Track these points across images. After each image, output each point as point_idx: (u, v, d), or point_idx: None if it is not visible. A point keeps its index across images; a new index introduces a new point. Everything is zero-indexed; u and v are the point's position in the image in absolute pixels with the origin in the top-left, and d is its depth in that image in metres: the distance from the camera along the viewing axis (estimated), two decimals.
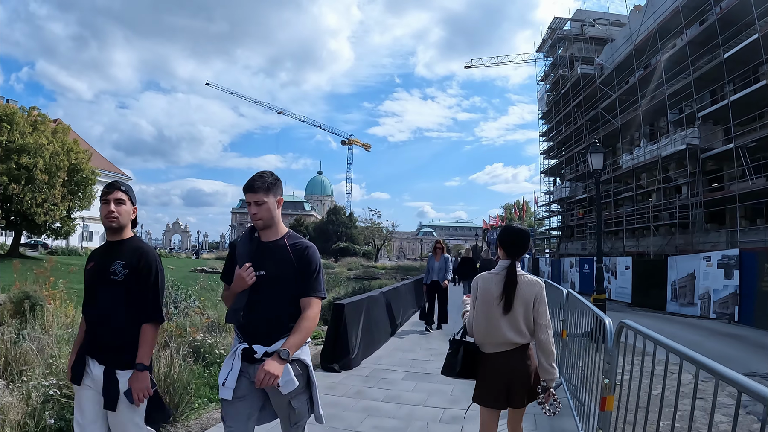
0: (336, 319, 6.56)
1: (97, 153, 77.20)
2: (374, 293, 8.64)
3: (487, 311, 3.07)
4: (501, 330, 3.02)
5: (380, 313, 8.33)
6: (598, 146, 10.00)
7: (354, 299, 7.50)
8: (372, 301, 7.89)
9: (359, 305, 7.22)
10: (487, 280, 3.14)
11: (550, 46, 45.27)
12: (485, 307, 3.08)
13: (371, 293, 8.71)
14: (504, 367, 3.04)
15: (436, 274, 10.02)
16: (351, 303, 6.99)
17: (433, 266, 10.12)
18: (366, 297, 7.84)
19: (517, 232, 3.27)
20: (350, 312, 6.72)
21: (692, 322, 13.90)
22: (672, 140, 25.65)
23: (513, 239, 3.20)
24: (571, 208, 40.10)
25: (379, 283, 21.81)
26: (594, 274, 23.48)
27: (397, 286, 11.62)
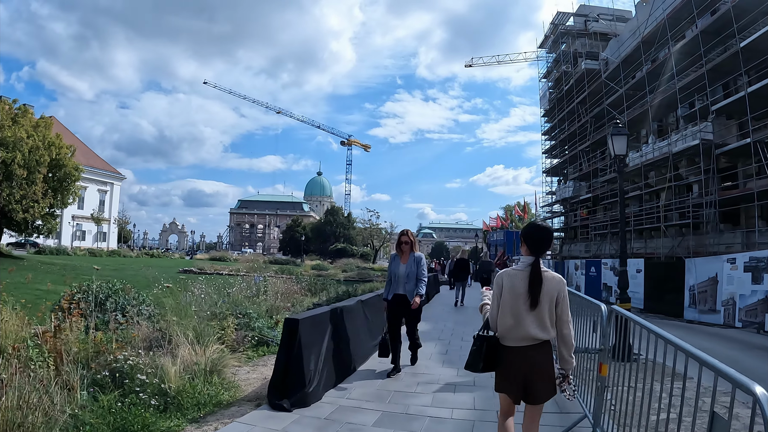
0: (288, 340, 4.97)
1: (91, 151, 76.18)
2: (348, 303, 6.79)
3: (513, 307, 3.14)
4: (526, 326, 3.10)
5: (356, 328, 6.66)
6: (620, 128, 8.43)
7: (315, 312, 5.75)
8: (342, 315, 6.20)
9: (321, 321, 5.59)
10: (513, 276, 3.19)
11: (552, 42, 43.98)
12: (512, 302, 3.14)
13: (344, 303, 6.75)
14: (524, 363, 3.11)
15: (402, 284, 6.52)
16: (309, 318, 5.28)
17: (398, 272, 6.58)
18: (332, 309, 6.04)
19: (541, 228, 3.37)
20: (307, 330, 5.12)
21: (716, 332, 12.46)
22: (683, 136, 24.22)
23: (538, 236, 3.28)
24: (574, 208, 38.65)
25: (369, 287, 20.38)
26: (602, 278, 22.53)
27: (381, 292, 9.84)
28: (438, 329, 10.43)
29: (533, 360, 3.10)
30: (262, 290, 15.34)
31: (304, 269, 41.21)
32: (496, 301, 3.23)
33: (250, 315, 9.59)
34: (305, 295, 17.27)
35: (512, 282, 3.16)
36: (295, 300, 14.87)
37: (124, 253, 61.25)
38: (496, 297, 3.24)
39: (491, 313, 3.28)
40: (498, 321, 3.21)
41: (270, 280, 17.61)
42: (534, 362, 3.10)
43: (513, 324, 3.12)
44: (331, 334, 5.65)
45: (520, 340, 3.12)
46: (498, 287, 3.24)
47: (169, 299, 10.39)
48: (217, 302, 10.17)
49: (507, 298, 3.15)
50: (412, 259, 6.57)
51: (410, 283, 6.49)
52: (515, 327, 3.11)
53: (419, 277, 6.52)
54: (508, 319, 3.13)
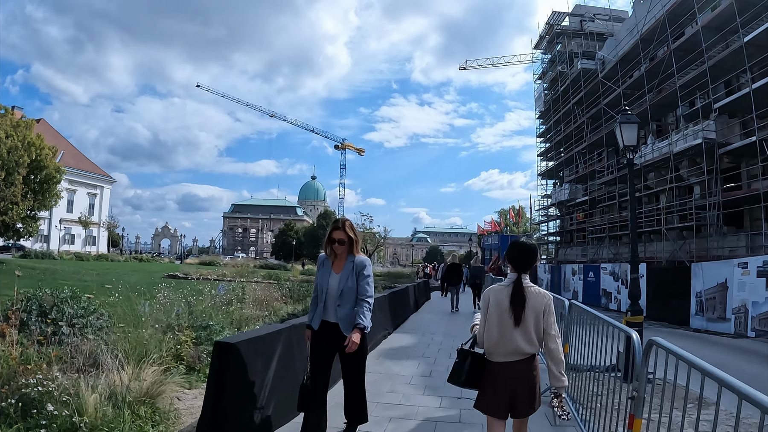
0: (218, 369, 3.72)
1: (81, 154, 74.95)
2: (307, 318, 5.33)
3: (499, 322, 3.15)
4: (513, 340, 3.11)
5: None
6: (629, 115, 7.37)
7: (260, 333, 4.47)
8: (291, 337, 4.84)
9: (269, 342, 4.32)
10: (498, 292, 3.23)
11: (548, 42, 43.21)
12: (498, 318, 3.15)
13: (301, 320, 5.29)
14: (511, 377, 3.12)
15: (334, 307, 4.05)
16: (248, 341, 4.02)
17: (326, 286, 4.12)
18: (290, 326, 4.81)
19: (525, 246, 3.36)
20: (247, 355, 3.91)
21: (728, 342, 11.50)
22: (684, 136, 23.35)
23: (521, 254, 3.28)
24: (570, 211, 37.73)
25: None
26: (600, 284, 21.55)
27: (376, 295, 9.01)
28: (424, 343, 9.40)
29: (520, 373, 3.11)
30: (236, 298, 14.31)
31: (293, 274, 40.09)
32: (483, 317, 3.24)
33: (211, 327, 8.56)
34: (286, 303, 16.25)
35: (498, 298, 3.20)
36: (272, 308, 13.83)
37: (112, 257, 59.92)
38: (483, 313, 3.25)
39: (479, 330, 3.28)
40: (485, 336, 3.21)
41: (249, 286, 16.58)
42: (521, 375, 3.11)
43: (499, 339, 3.13)
44: (283, 356, 4.60)
45: (507, 354, 3.13)
46: (485, 303, 3.25)
47: (121, 307, 9.37)
48: (173, 312, 9.11)
49: (493, 313, 3.17)
50: (351, 267, 4.11)
51: (345, 307, 4.01)
52: (501, 342, 3.13)
53: (362, 297, 4.03)
54: (495, 334, 3.14)
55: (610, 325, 4.29)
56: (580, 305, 5.46)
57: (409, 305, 13.85)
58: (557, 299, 5.95)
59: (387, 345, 8.83)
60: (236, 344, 3.86)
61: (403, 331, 10.96)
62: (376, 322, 8.52)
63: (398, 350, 8.32)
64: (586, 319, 5.12)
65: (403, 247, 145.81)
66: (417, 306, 15.69)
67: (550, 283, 26.84)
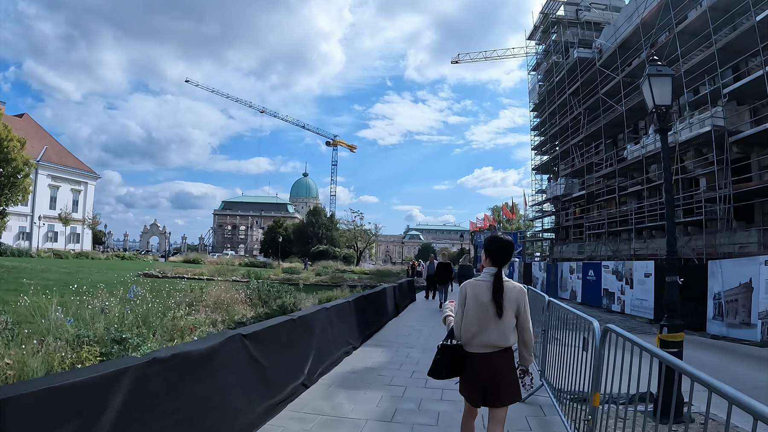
0: None
1: (64, 149, 72.93)
2: (208, 344, 3.62)
3: (477, 316, 3.21)
4: (491, 334, 3.19)
5: (217, 387, 3.69)
6: (661, 66, 5.48)
7: (62, 381, 2.39)
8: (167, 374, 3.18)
9: (89, 398, 2.50)
10: (476, 286, 3.29)
11: (542, 32, 41.67)
12: (476, 312, 3.22)
13: (196, 346, 3.52)
14: (486, 369, 3.19)
15: None
16: (46, 392, 2.26)
17: None
18: (149, 360, 2.97)
19: (503, 241, 3.42)
20: (40, 418, 2.21)
21: (754, 353, 9.87)
22: (689, 124, 21.77)
23: (499, 248, 3.36)
24: (566, 207, 36.13)
25: (328, 296, 17.59)
26: (602, 283, 19.79)
27: (309, 312, 6.23)
28: (395, 362, 7.41)
29: (496, 366, 3.19)
30: (190, 301, 12.61)
31: (275, 273, 38.32)
32: (461, 310, 3.31)
33: (126, 341, 6.87)
34: (255, 305, 14.52)
35: (476, 291, 3.26)
36: (229, 313, 12.12)
37: (93, 255, 57.91)
38: (461, 306, 3.32)
39: (456, 321, 3.36)
40: (462, 329, 3.28)
41: (210, 286, 14.86)
42: (497, 369, 3.18)
43: (477, 332, 3.21)
44: (124, 411, 2.84)
45: (484, 347, 3.20)
46: (462, 296, 3.32)
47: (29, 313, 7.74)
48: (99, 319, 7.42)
49: (471, 306, 3.25)
50: None
51: None
52: (479, 334, 3.20)
53: None
54: (473, 327, 3.22)
55: None
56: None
57: (386, 310, 11.99)
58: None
59: (347, 365, 7.02)
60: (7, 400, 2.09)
61: (375, 343, 9.20)
62: (331, 337, 6.77)
63: (359, 374, 6.59)
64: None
65: (395, 245, 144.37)
66: (398, 310, 13.83)
67: (546, 282, 25.17)
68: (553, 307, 5.73)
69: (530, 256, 45.22)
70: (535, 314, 6.90)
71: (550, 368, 5.54)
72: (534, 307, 7.29)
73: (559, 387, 4.96)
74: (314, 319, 6.03)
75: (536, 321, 6.82)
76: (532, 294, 7.68)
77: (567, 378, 4.68)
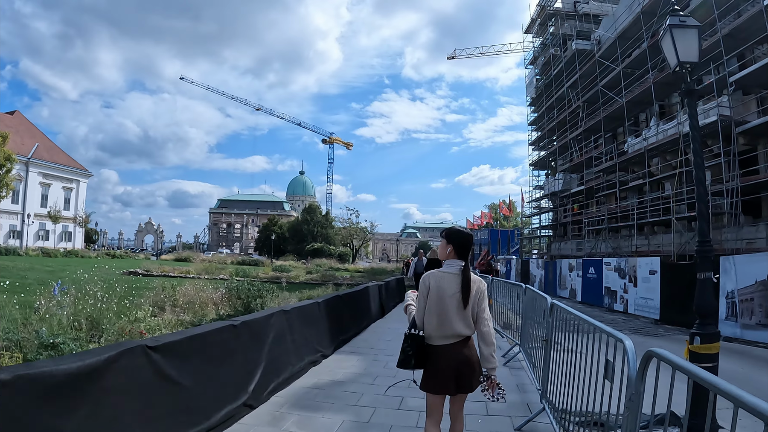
0: None
1: (56, 147, 71.93)
2: (88, 361, 2.69)
3: (441, 307, 3.22)
4: (453, 324, 3.21)
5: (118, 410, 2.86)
6: (685, 17, 4.51)
7: None
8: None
9: None
10: (441, 278, 3.29)
11: (539, 25, 40.68)
12: (438, 304, 3.23)
13: (67, 364, 2.56)
14: (454, 357, 3.20)
15: None
16: None
17: None
18: None
19: (465, 234, 3.48)
20: None
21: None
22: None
23: (464, 241, 3.40)
24: (564, 203, 35.17)
25: (308, 295, 16.59)
26: (603, 281, 18.80)
27: (259, 316, 5.15)
28: (369, 375, 6.38)
29: (462, 354, 3.23)
30: (160, 301, 11.65)
31: (264, 271, 37.27)
32: (423, 302, 3.30)
33: (59, 347, 5.92)
34: (234, 305, 13.54)
35: (440, 284, 3.27)
36: (197, 313, 11.16)
37: (83, 253, 56.85)
38: (423, 298, 3.32)
39: (418, 314, 3.35)
40: (425, 321, 3.28)
41: (185, 284, 13.88)
42: (462, 355, 3.23)
43: (439, 323, 3.23)
44: None
45: (447, 338, 3.23)
46: (425, 288, 3.31)
47: None
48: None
49: (434, 298, 3.24)
50: None
51: None
52: (441, 326, 3.22)
53: None
54: (435, 318, 3.23)
55: None
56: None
57: (368, 311, 10.95)
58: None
59: (311, 378, 5.99)
60: None
61: (351, 349, 8.18)
62: (292, 345, 5.78)
63: (323, 390, 5.56)
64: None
65: (392, 243, 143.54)
66: (383, 311, 12.90)
67: (544, 280, 24.24)
68: (559, 312, 4.68)
69: (527, 253, 44.32)
70: (535, 317, 6.09)
71: (553, 384, 4.48)
72: (533, 309, 6.36)
73: (564, 407, 4.05)
74: (266, 325, 5.03)
75: (535, 323, 5.89)
76: (530, 295, 6.75)
77: (573, 394, 3.76)
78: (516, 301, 8.40)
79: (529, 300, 6.79)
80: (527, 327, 6.69)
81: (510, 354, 7.86)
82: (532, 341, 6.16)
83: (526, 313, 6.84)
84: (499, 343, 9.23)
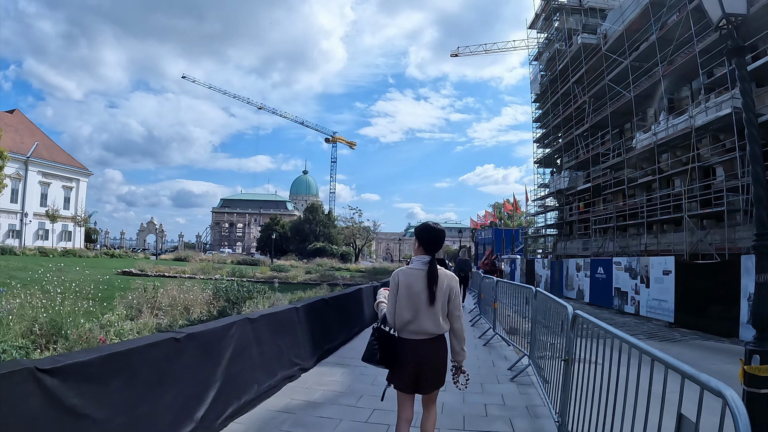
0: None
1: (55, 145, 71.41)
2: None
3: (410, 303, 3.18)
4: (422, 321, 3.18)
5: None
6: None
7: None
8: None
9: None
10: (409, 274, 3.25)
11: (544, 20, 39.83)
12: (409, 299, 3.19)
13: None
14: (415, 355, 3.18)
15: None
16: None
17: None
18: None
19: (435, 230, 3.42)
20: None
21: None
22: (705, 108, 20.00)
23: (432, 237, 3.37)
24: (570, 201, 34.31)
25: (299, 296, 15.81)
26: (613, 282, 17.87)
27: (211, 327, 4.12)
28: (353, 393, 5.49)
29: (427, 353, 3.18)
30: (139, 304, 10.92)
31: (261, 270, 36.48)
32: (393, 298, 3.27)
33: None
34: (223, 306, 12.81)
35: (408, 280, 3.21)
36: (179, 316, 10.41)
37: (81, 252, 56.26)
38: (393, 294, 3.28)
39: (388, 309, 3.31)
40: (395, 316, 3.24)
41: (168, 284, 13.14)
42: (427, 355, 3.18)
43: (410, 319, 3.18)
44: None
45: (416, 334, 3.19)
46: (394, 284, 3.27)
47: None
48: None
49: (404, 294, 3.20)
50: None
51: None
52: (412, 322, 3.18)
53: None
54: (406, 314, 3.19)
55: None
56: None
57: (359, 316, 9.92)
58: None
59: (283, 398, 5.11)
60: None
61: (337, 361, 7.23)
62: (259, 359, 4.96)
63: (293, 414, 4.67)
64: None
65: (396, 243, 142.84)
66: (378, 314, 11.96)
67: (550, 280, 23.39)
68: (585, 325, 3.70)
69: (532, 253, 43.49)
70: (548, 323, 5.35)
71: (578, 415, 3.47)
72: (545, 315, 5.53)
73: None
74: (222, 337, 4.19)
75: (550, 332, 5.03)
76: (542, 299, 5.90)
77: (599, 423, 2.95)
78: (525, 305, 7.62)
79: (540, 305, 5.96)
80: (537, 335, 5.87)
81: (518, 367, 7.00)
82: (544, 350, 5.34)
83: (537, 319, 6.01)
84: (505, 353, 8.42)
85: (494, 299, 9.55)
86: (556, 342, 4.57)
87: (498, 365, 7.48)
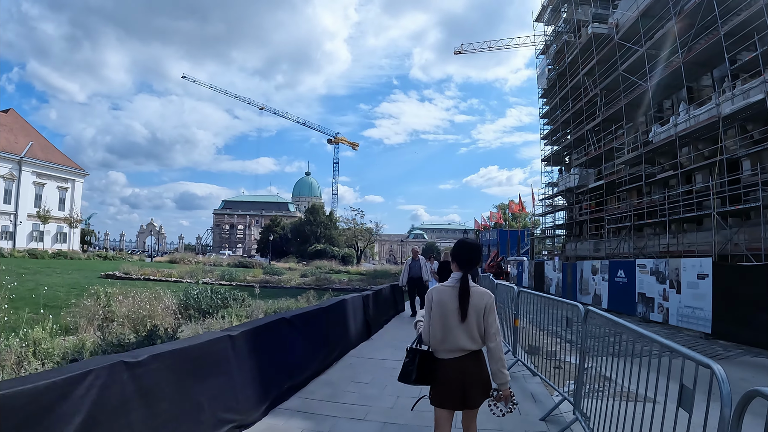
0: None
1: (51, 145, 70.20)
2: None
3: (443, 321, 3.18)
4: (456, 338, 3.14)
5: None
6: None
7: None
8: None
9: None
10: (442, 291, 3.26)
11: (551, 11, 38.23)
12: (441, 317, 3.18)
13: None
14: (459, 372, 3.16)
15: None
16: None
17: None
18: None
19: (469, 246, 3.38)
20: None
21: None
22: (731, 96, 18.34)
23: (466, 254, 3.31)
24: (580, 200, 32.62)
25: (286, 304, 14.03)
26: (636, 287, 15.95)
27: (49, 381, 2.43)
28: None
29: (467, 368, 3.17)
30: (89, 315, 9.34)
31: (254, 274, 34.77)
32: (428, 316, 3.26)
33: None
34: (193, 316, 11.22)
35: (441, 297, 3.22)
36: (133, 329, 8.83)
37: (73, 255, 54.86)
38: (428, 311, 3.29)
39: (424, 328, 3.29)
40: (430, 335, 3.23)
41: (134, 290, 11.55)
42: (468, 370, 3.16)
43: (442, 337, 3.18)
44: None
45: (452, 351, 3.18)
46: (428, 302, 3.29)
47: None
48: None
49: (436, 312, 3.20)
50: None
51: None
52: (445, 339, 3.18)
53: None
54: (438, 332, 3.18)
55: None
56: None
57: (344, 335, 7.98)
58: None
59: None
60: None
61: (297, 405, 5.23)
62: (153, 421, 3.21)
63: None
64: None
65: (399, 244, 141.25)
66: (369, 330, 9.89)
67: (562, 284, 21.69)
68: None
69: (539, 254, 41.83)
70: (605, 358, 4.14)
71: None
72: (605, 350, 3.87)
73: None
74: (63, 396, 2.45)
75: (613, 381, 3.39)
76: (598, 322, 4.28)
77: None
78: (564, 327, 5.70)
79: (594, 330, 4.27)
80: (588, 375, 4.19)
81: (556, 417, 5.01)
82: (602, 400, 3.69)
83: (588, 349, 4.30)
84: (531, 388, 6.27)
85: (515, 315, 7.63)
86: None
87: (525, 410, 5.27)
